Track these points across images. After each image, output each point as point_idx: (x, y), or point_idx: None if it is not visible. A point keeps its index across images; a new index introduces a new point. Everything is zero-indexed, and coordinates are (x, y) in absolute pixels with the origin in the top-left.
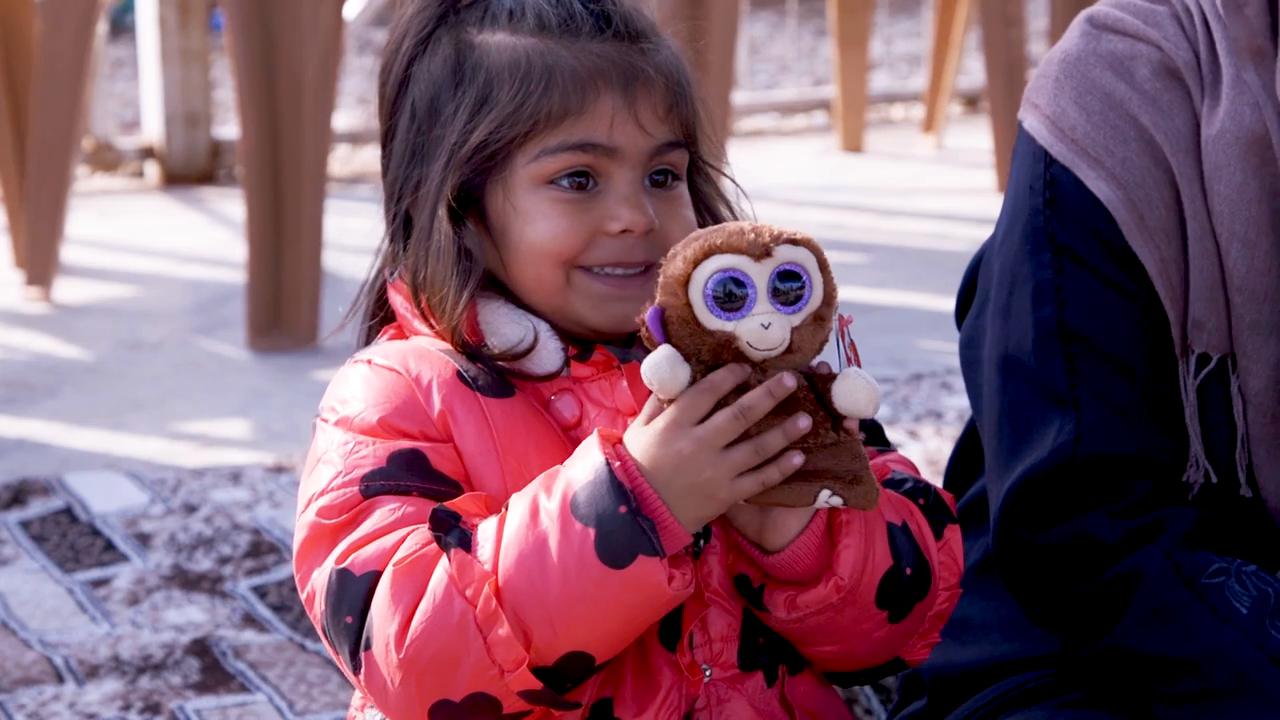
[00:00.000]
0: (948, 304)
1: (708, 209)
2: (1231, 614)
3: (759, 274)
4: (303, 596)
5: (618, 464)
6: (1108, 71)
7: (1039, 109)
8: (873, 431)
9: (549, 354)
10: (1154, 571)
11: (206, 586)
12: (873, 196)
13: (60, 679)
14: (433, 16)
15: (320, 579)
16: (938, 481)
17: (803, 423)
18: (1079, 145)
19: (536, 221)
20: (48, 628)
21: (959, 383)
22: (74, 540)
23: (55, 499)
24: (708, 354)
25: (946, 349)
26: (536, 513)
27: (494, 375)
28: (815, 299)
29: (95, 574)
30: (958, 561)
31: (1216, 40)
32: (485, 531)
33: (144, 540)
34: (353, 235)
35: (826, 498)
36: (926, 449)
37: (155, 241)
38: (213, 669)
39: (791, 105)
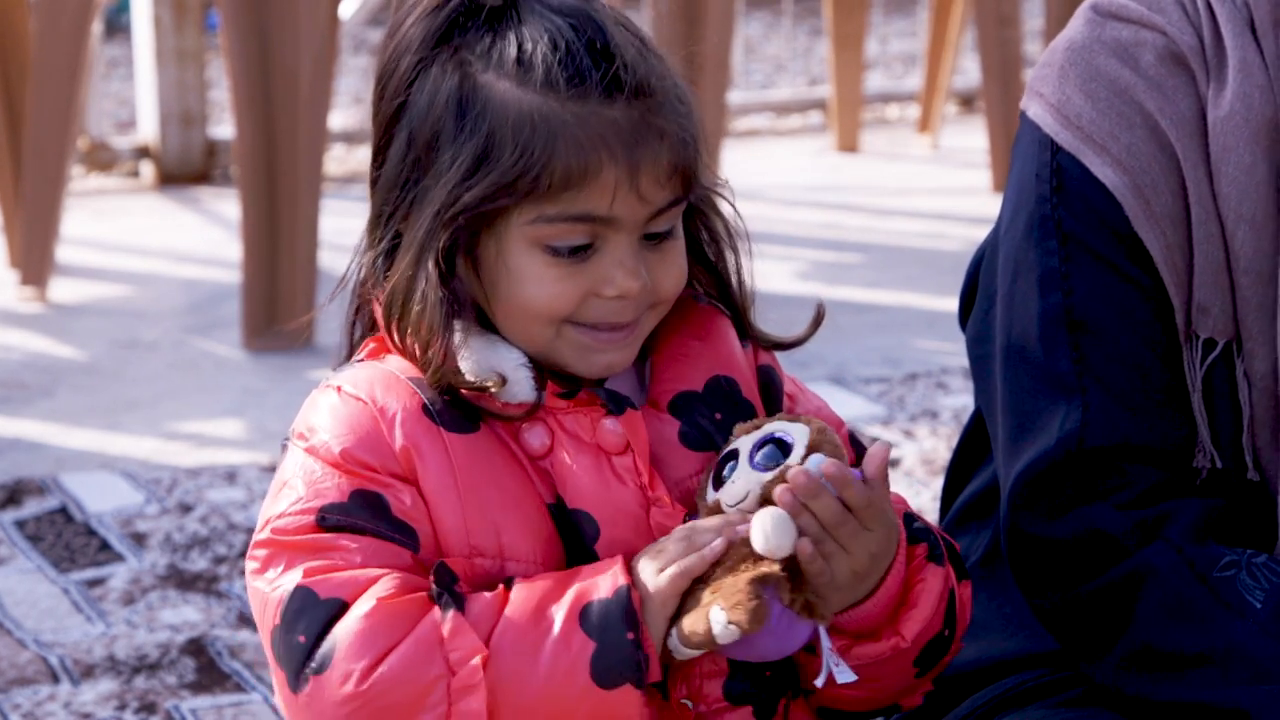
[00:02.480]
0: (943, 303)
1: (706, 229)
2: (1245, 608)
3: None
4: (253, 607)
5: (635, 593)
6: (1113, 58)
7: (1044, 97)
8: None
9: (521, 390)
10: (1164, 567)
11: (202, 586)
12: (868, 196)
13: (55, 679)
14: (435, 33)
15: (276, 593)
16: (936, 482)
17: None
18: (1085, 132)
19: (529, 283)
20: (43, 627)
21: (954, 382)
22: (69, 540)
23: (50, 499)
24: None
25: (942, 349)
26: (544, 609)
27: (461, 407)
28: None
29: (90, 574)
30: (966, 614)
31: (1221, 23)
32: (480, 603)
33: (139, 540)
34: (348, 235)
35: (723, 621)
36: (922, 449)
37: (150, 241)
38: (208, 669)
39: (787, 105)
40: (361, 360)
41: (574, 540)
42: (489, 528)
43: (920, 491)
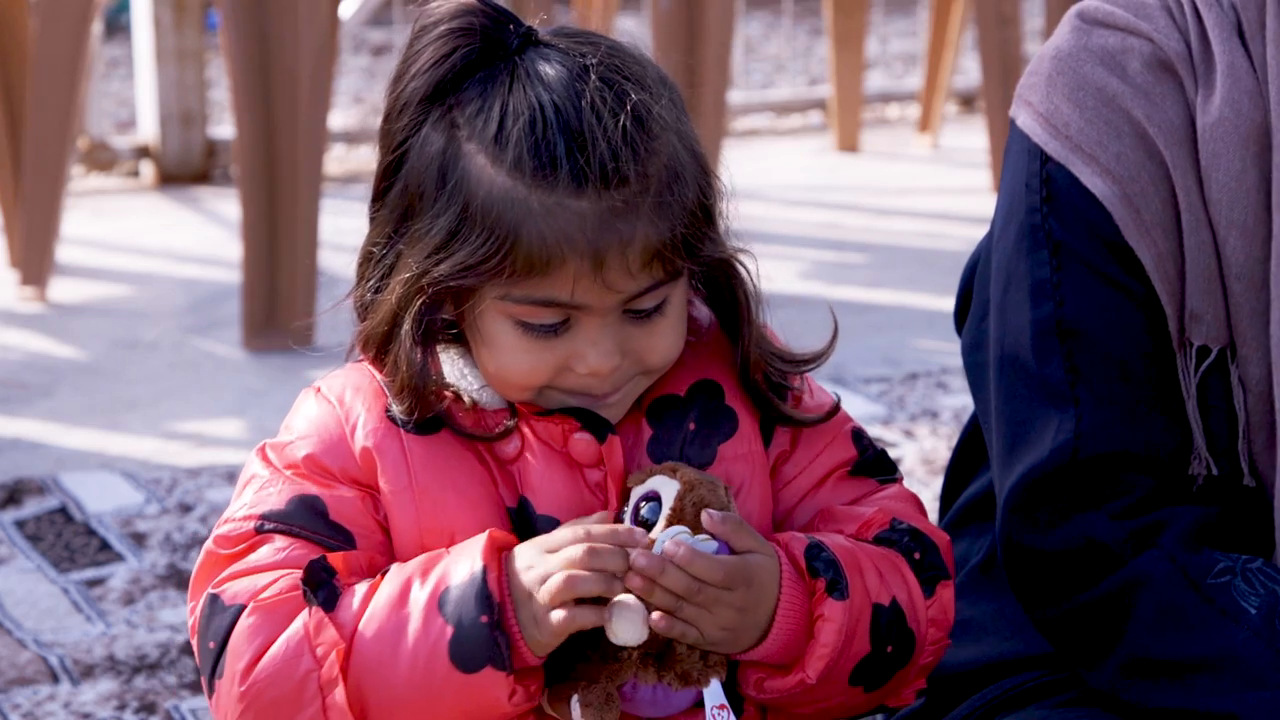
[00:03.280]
0: (943, 303)
1: (727, 290)
2: (1240, 614)
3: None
4: (188, 622)
5: (494, 574)
6: (1100, 66)
7: (1032, 106)
8: (878, 460)
9: (494, 399)
10: (1159, 576)
11: None
12: (868, 196)
13: (55, 679)
14: (434, 87)
15: (197, 602)
16: (936, 482)
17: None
18: (1073, 142)
19: (503, 353)
20: (43, 627)
21: (955, 382)
22: (69, 540)
23: (50, 498)
24: None
25: (942, 348)
26: (406, 595)
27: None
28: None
29: (90, 574)
30: (948, 616)
31: (1208, 27)
32: (355, 595)
33: (139, 540)
34: (348, 235)
35: (578, 712)
36: (922, 449)
37: (150, 241)
38: None
39: (787, 105)
40: (360, 360)
41: None
42: (442, 530)
43: (920, 491)
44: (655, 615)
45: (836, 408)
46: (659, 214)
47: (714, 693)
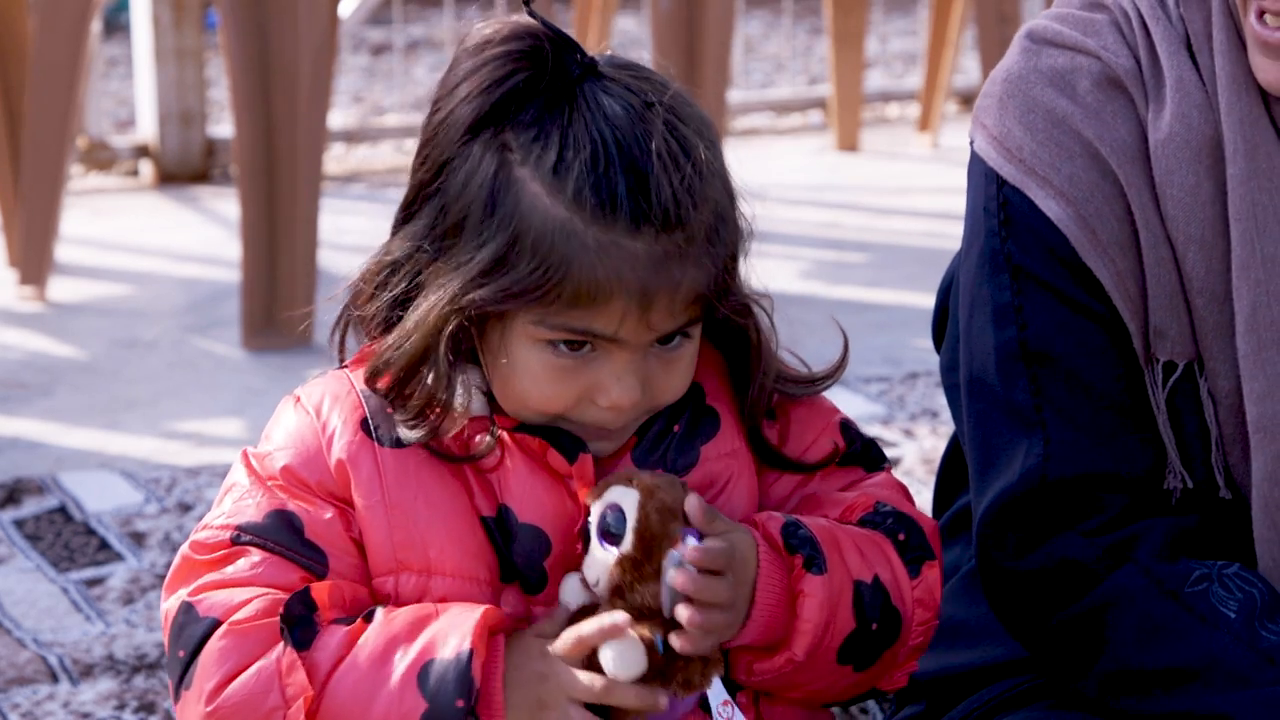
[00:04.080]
0: None
1: (738, 332)
2: (1219, 619)
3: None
4: (161, 613)
5: (479, 659)
6: (1049, 88)
7: (987, 129)
8: (865, 451)
9: (476, 404)
10: (1135, 590)
11: None
12: (868, 195)
13: (55, 678)
14: (484, 113)
15: (171, 606)
16: (934, 482)
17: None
18: (1026, 165)
19: (526, 378)
20: (42, 627)
21: None
22: (68, 539)
23: (49, 498)
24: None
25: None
26: (389, 655)
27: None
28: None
29: (90, 573)
30: (934, 596)
31: (1156, 42)
32: (334, 637)
33: (138, 539)
34: (348, 234)
35: None
36: (922, 448)
37: (150, 240)
38: None
39: (787, 104)
40: (345, 365)
41: (515, 552)
42: (415, 542)
43: (920, 491)
44: (677, 640)
45: (825, 378)
46: (708, 257)
47: (717, 691)
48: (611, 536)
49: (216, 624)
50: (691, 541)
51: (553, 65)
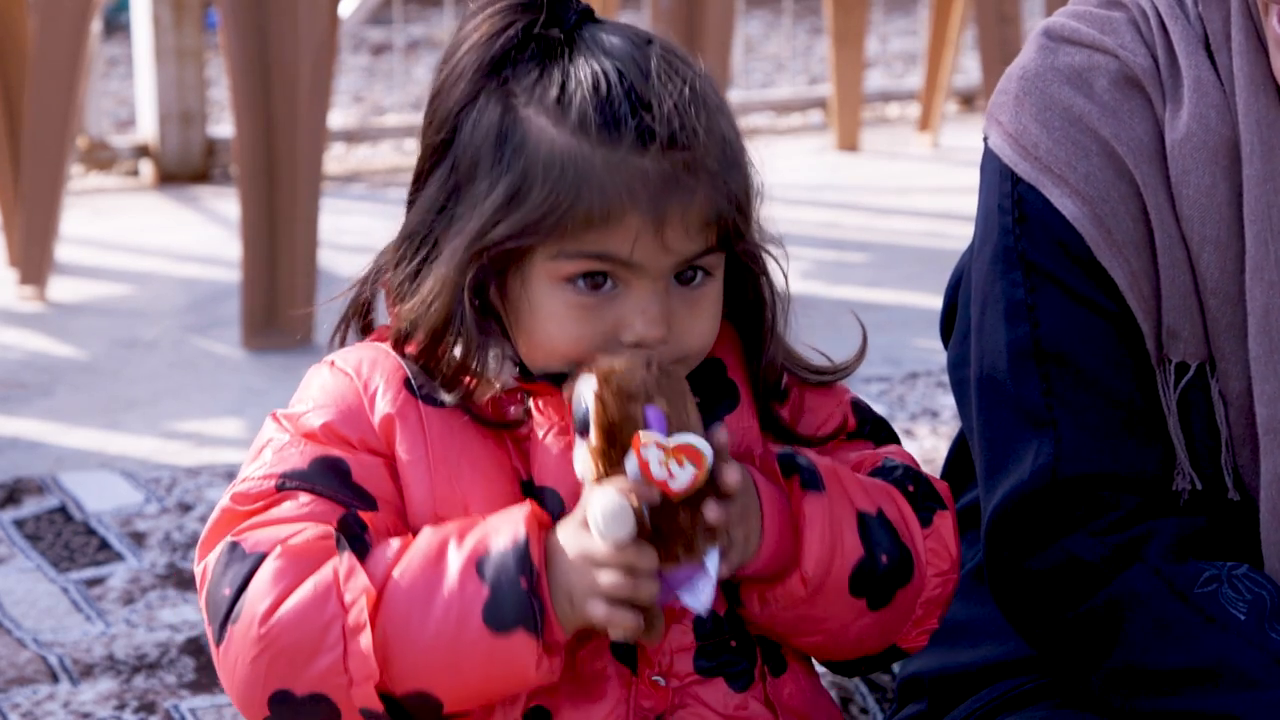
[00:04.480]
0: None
1: (751, 290)
2: (1229, 621)
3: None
4: (197, 576)
5: (535, 544)
6: (1066, 86)
7: (1002, 126)
8: (875, 428)
9: (504, 373)
10: (1144, 590)
11: None
12: (868, 195)
13: (55, 678)
14: (488, 64)
15: (212, 556)
16: None
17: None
18: (1042, 163)
19: (549, 322)
20: (42, 627)
21: None
22: (68, 539)
23: (50, 498)
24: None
25: (943, 348)
26: (443, 554)
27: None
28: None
29: (90, 573)
30: (949, 548)
31: (1174, 41)
32: (388, 549)
33: (138, 539)
34: (348, 234)
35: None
36: (923, 447)
37: (150, 240)
38: (207, 668)
39: (787, 104)
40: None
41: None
42: (456, 499)
43: None
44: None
45: (843, 369)
46: (718, 181)
47: (713, 561)
48: (585, 429)
49: (263, 557)
50: (654, 420)
51: (551, 13)
